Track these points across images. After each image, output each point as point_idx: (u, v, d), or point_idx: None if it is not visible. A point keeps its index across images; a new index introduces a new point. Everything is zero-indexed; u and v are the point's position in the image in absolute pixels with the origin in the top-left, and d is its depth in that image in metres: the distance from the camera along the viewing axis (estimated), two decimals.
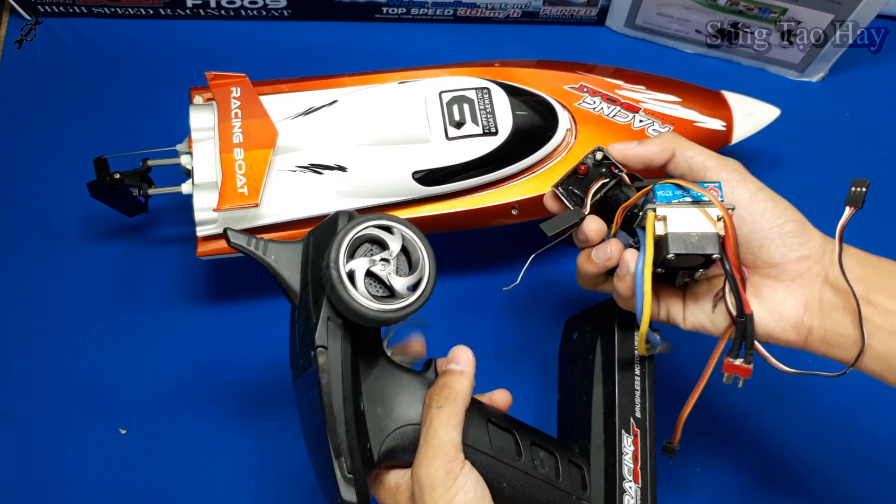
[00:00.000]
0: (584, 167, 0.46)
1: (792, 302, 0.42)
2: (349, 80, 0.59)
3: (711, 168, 0.43)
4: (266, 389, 0.60)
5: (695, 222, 0.41)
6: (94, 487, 0.58)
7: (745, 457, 0.59)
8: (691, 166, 0.44)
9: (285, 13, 0.72)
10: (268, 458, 0.58)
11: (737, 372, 0.42)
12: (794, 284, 0.42)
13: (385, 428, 0.42)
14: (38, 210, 0.66)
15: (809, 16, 0.64)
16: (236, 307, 0.63)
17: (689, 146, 0.44)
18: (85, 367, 0.61)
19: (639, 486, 0.47)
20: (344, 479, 0.39)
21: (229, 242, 0.42)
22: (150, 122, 0.68)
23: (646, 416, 0.49)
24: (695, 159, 0.44)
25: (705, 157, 0.44)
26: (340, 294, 0.38)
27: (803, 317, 0.42)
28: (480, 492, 0.40)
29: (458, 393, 0.41)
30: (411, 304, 0.39)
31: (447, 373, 0.43)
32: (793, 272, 0.42)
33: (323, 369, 0.39)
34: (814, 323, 0.41)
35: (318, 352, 0.39)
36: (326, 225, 0.42)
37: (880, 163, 0.68)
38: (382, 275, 0.40)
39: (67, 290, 0.63)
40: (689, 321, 0.45)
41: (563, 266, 0.64)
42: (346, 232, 0.39)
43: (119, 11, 0.72)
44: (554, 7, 0.71)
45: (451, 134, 0.55)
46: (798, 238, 0.42)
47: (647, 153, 0.45)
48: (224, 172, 0.53)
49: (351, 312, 0.39)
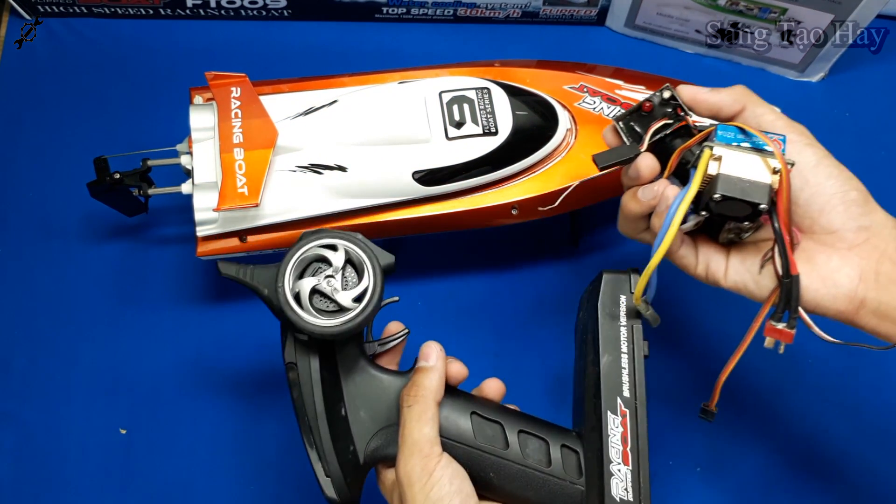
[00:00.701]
0: (649, 104, 0.45)
1: (847, 271, 0.40)
2: (349, 80, 0.59)
3: (780, 128, 0.42)
4: (266, 389, 0.60)
5: (751, 169, 0.39)
6: (94, 487, 0.58)
7: (746, 455, 0.59)
8: (760, 123, 0.43)
9: (285, 13, 0.72)
10: (268, 458, 0.58)
11: (779, 336, 0.41)
12: (851, 253, 0.41)
13: (369, 430, 0.45)
14: (38, 210, 0.66)
15: (809, 16, 0.64)
16: (236, 307, 0.63)
17: (760, 103, 0.44)
18: (85, 366, 0.61)
19: (629, 468, 0.45)
20: (322, 479, 0.43)
21: (220, 273, 0.44)
22: (150, 122, 0.68)
23: (634, 396, 0.47)
24: (764, 117, 0.43)
25: (775, 117, 0.43)
26: (288, 315, 0.42)
27: (857, 287, 0.40)
28: (458, 484, 0.41)
29: (426, 389, 0.43)
30: (357, 315, 0.42)
31: (417, 370, 0.44)
32: (851, 241, 0.41)
33: (294, 384, 0.43)
34: (868, 294, 0.40)
35: (287, 368, 0.44)
36: (296, 245, 0.44)
37: (880, 163, 0.68)
38: (327, 291, 0.43)
39: (67, 289, 0.63)
40: (731, 279, 0.43)
41: (562, 266, 0.64)
42: (291, 255, 0.43)
43: (119, 11, 0.72)
44: (554, 7, 0.71)
45: (451, 134, 0.55)
46: (861, 208, 0.41)
47: (718, 100, 0.44)
48: (224, 172, 0.53)
49: (302, 330, 0.42)
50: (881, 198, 0.68)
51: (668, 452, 0.58)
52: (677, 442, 0.59)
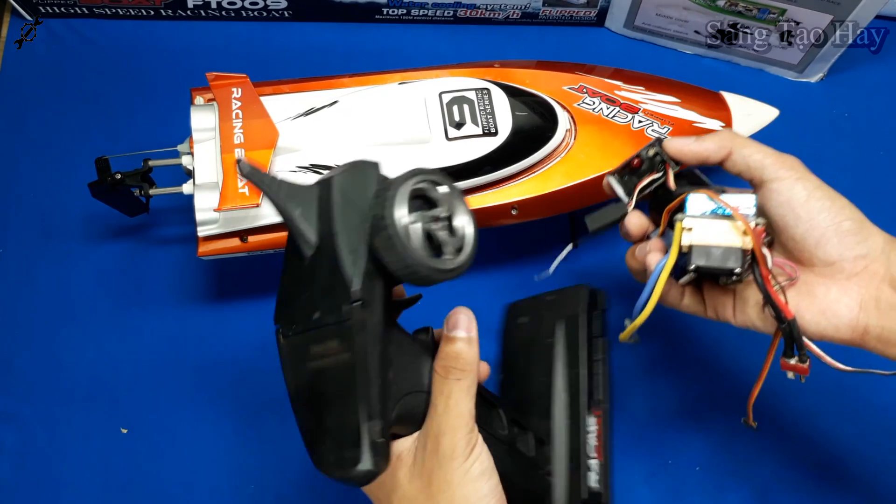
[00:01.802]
0: (637, 160, 0.46)
1: (846, 301, 0.41)
2: (349, 80, 0.59)
3: (769, 166, 0.43)
4: (266, 389, 0.60)
5: (721, 235, 0.41)
6: (95, 487, 0.58)
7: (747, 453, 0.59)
8: (749, 164, 0.43)
9: (286, 14, 0.72)
10: (268, 458, 0.58)
11: (795, 370, 0.42)
12: (850, 283, 0.41)
13: (395, 394, 0.39)
14: (39, 210, 0.66)
15: (809, 16, 0.64)
16: (236, 307, 0.63)
17: (746, 144, 0.44)
18: (86, 366, 0.61)
19: (601, 462, 0.50)
20: (372, 445, 0.36)
21: (242, 173, 0.37)
22: (152, 123, 0.68)
23: (605, 398, 0.51)
24: (752, 157, 0.43)
25: (763, 155, 0.43)
26: (398, 248, 0.35)
27: (858, 315, 0.41)
28: (490, 462, 0.40)
29: (472, 364, 0.40)
30: (460, 264, 0.38)
31: (454, 340, 0.41)
32: (849, 270, 0.41)
33: (362, 327, 0.36)
34: (870, 321, 0.41)
35: (357, 306, 0.36)
36: (355, 174, 0.38)
37: (879, 163, 0.68)
38: (440, 233, 0.37)
39: (69, 289, 0.63)
40: (739, 319, 0.44)
41: (562, 266, 0.64)
42: (403, 184, 0.37)
43: (120, 12, 0.72)
44: (553, 8, 0.71)
45: (451, 134, 0.55)
46: (856, 236, 0.41)
47: (702, 150, 0.45)
48: (225, 173, 0.53)
49: (404, 268, 0.36)
50: (881, 198, 0.68)
51: (668, 452, 0.59)
52: (677, 441, 0.59)
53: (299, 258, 0.38)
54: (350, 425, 0.36)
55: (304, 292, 0.38)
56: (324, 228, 0.37)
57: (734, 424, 0.59)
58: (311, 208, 0.38)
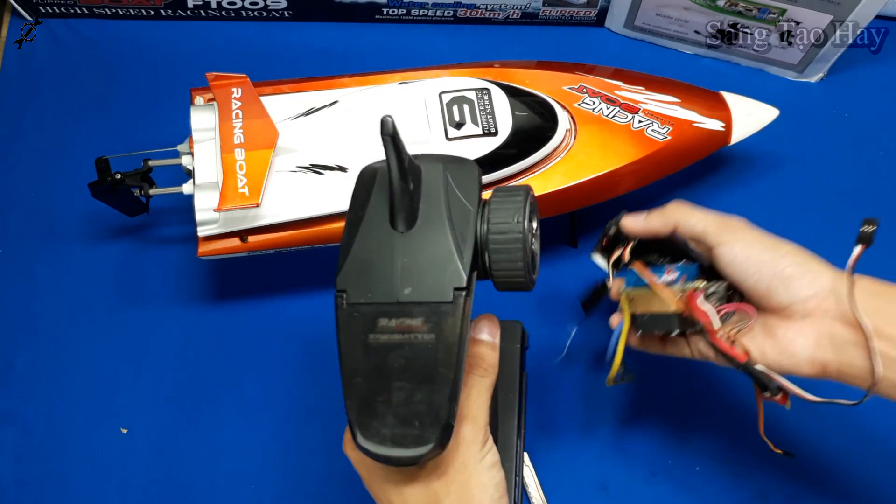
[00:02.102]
0: (605, 239, 0.53)
1: (802, 340, 0.44)
2: (349, 80, 0.59)
3: (711, 234, 0.47)
4: (266, 389, 0.60)
5: (658, 303, 0.48)
6: (95, 486, 0.58)
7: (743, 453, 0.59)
8: (694, 233, 0.48)
9: (286, 14, 0.72)
10: (268, 458, 0.58)
11: (776, 401, 0.46)
12: (804, 323, 0.44)
13: None
14: (39, 210, 0.66)
15: (809, 16, 0.64)
16: (236, 307, 0.63)
17: (691, 215, 0.48)
18: (86, 366, 0.61)
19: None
20: (445, 427, 0.36)
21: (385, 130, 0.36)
22: (152, 123, 0.68)
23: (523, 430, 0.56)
24: (696, 227, 0.47)
25: (706, 224, 0.47)
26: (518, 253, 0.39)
27: (814, 352, 0.43)
28: (498, 456, 0.42)
29: (494, 365, 0.43)
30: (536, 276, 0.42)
31: (479, 342, 0.43)
32: (802, 311, 0.44)
33: (461, 313, 0.37)
34: (826, 357, 0.43)
35: (461, 294, 0.37)
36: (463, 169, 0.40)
37: (879, 163, 0.68)
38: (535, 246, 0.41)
39: (69, 289, 0.63)
40: (699, 356, 0.49)
41: (562, 266, 0.64)
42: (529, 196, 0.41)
43: (120, 12, 0.72)
44: (553, 8, 0.71)
45: (451, 134, 0.55)
46: (801, 280, 0.44)
47: (651, 228, 0.50)
48: (225, 173, 0.53)
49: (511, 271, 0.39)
50: (881, 198, 0.68)
51: (668, 452, 0.59)
52: (677, 441, 0.59)
53: (390, 230, 0.38)
54: (428, 403, 0.36)
55: (390, 265, 0.38)
56: (431, 211, 0.38)
57: (734, 424, 0.59)
58: (418, 186, 0.39)
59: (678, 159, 0.59)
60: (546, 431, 0.59)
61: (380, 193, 0.39)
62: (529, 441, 0.58)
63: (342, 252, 0.39)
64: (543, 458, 0.58)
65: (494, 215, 0.39)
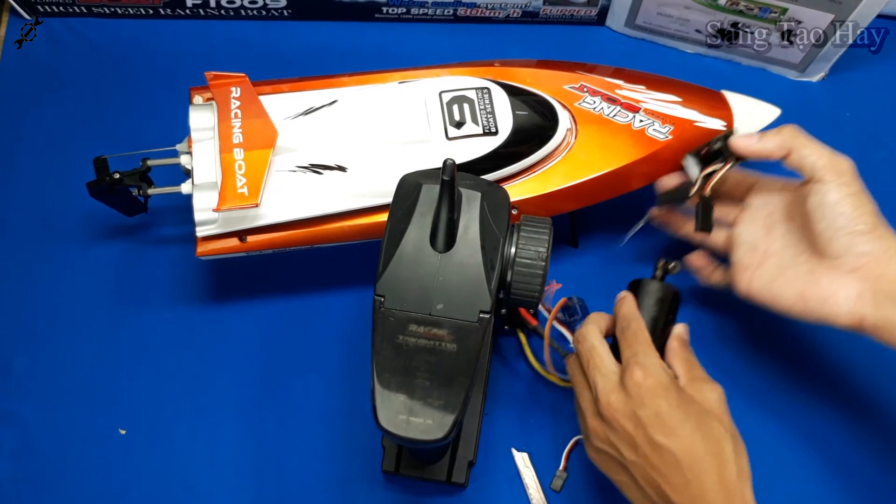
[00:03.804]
0: (707, 150, 0.55)
1: (845, 292, 0.47)
2: (349, 79, 0.59)
3: (819, 169, 0.49)
4: (266, 389, 0.60)
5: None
6: (94, 487, 0.58)
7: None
8: (802, 165, 0.50)
9: (285, 13, 0.72)
10: (268, 458, 0.58)
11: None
12: (850, 276, 0.47)
13: None
14: (37, 210, 0.66)
15: (810, 16, 0.64)
16: (236, 307, 0.63)
17: (805, 145, 0.50)
18: (85, 366, 0.61)
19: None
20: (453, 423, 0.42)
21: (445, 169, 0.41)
22: (150, 122, 0.68)
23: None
24: (807, 159, 0.49)
25: (816, 157, 0.49)
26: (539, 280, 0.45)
27: (854, 305, 0.47)
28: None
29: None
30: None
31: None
32: (852, 265, 0.48)
33: (484, 332, 0.43)
34: (866, 311, 0.47)
35: (485, 316, 0.43)
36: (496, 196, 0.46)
37: (880, 163, 0.68)
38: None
39: (67, 289, 0.63)
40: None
41: (562, 267, 0.64)
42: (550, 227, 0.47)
43: (119, 11, 0.72)
44: (554, 7, 0.71)
45: (452, 134, 0.55)
46: (865, 237, 0.47)
47: (764, 151, 0.51)
48: (224, 172, 0.53)
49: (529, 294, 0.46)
50: (881, 198, 0.68)
51: None
52: None
53: (430, 250, 0.44)
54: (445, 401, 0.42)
55: (426, 281, 0.43)
56: (467, 237, 0.44)
57: (737, 425, 0.59)
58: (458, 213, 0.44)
59: (679, 159, 0.59)
60: (546, 432, 0.59)
61: (423, 214, 0.44)
62: (529, 441, 0.58)
63: (383, 260, 0.44)
64: (543, 458, 0.58)
65: (523, 244, 0.45)
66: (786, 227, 0.53)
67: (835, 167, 0.49)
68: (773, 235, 0.53)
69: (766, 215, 0.54)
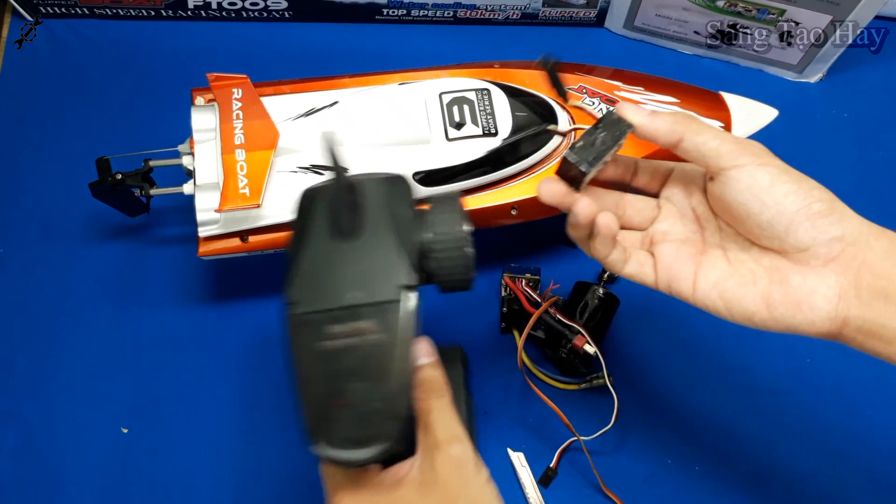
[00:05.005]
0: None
1: (824, 290, 0.38)
2: (350, 81, 0.59)
3: (726, 154, 0.39)
4: (266, 389, 0.60)
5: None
6: (95, 486, 0.58)
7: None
8: (703, 153, 0.40)
9: (286, 15, 0.73)
10: (268, 458, 0.58)
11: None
12: (827, 270, 0.38)
13: None
14: (39, 210, 0.66)
15: (808, 17, 0.64)
16: (236, 307, 0.63)
17: (700, 131, 0.40)
18: (86, 366, 0.61)
19: None
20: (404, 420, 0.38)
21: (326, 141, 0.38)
22: (152, 123, 0.68)
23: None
24: (707, 145, 0.40)
25: (720, 142, 0.40)
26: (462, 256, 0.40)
27: (837, 306, 0.38)
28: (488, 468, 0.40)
29: (443, 383, 0.41)
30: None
31: (422, 367, 0.41)
32: (825, 255, 0.38)
33: (410, 308, 0.38)
34: (850, 312, 0.37)
35: (406, 291, 0.38)
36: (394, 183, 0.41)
37: (879, 163, 0.69)
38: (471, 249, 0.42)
39: (69, 289, 0.63)
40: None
41: (562, 267, 0.64)
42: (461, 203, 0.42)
43: (120, 12, 0.72)
44: (553, 8, 0.72)
45: (452, 135, 0.55)
46: (828, 217, 0.38)
47: (650, 126, 0.41)
48: (226, 173, 0.53)
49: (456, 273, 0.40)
50: (881, 198, 0.68)
51: (668, 452, 0.59)
52: (677, 441, 0.59)
53: (336, 240, 0.39)
54: (384, 399, 0.37)
55: (337, 272, 0.39)
56: (375, 221, 0.39)
57: (734, 425, 0.59)
58: (361, 198, 0.40)
59: (678, 160, 0.59)
60: (542, 433, 0.59)
61: (324, 207, 0.40)
62: (526, 442, 0.58)
63: (289, 265, 0.40)
64: (541, 458, 0.58)
65: (438, 223, 0.40)
66: (717, 222, 0.43)
67: (746, 148, 0.40)
68: (708, 230, 0.43)
69: (691, 207, 0.44)
